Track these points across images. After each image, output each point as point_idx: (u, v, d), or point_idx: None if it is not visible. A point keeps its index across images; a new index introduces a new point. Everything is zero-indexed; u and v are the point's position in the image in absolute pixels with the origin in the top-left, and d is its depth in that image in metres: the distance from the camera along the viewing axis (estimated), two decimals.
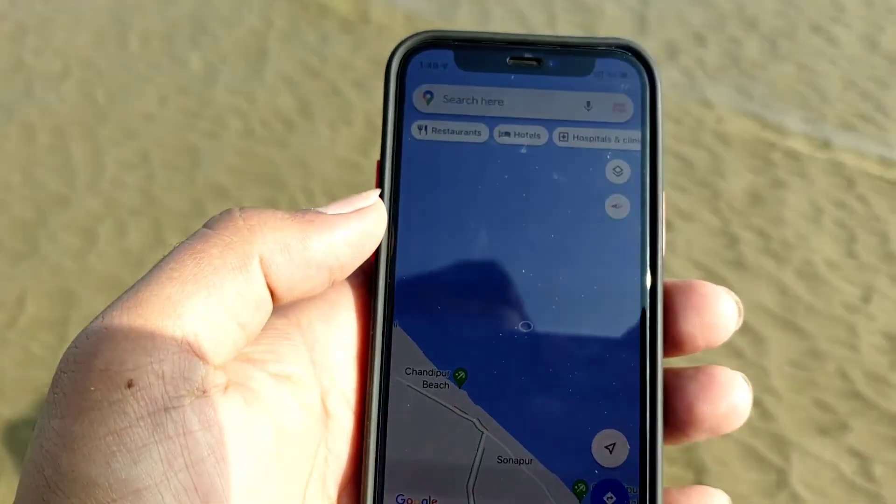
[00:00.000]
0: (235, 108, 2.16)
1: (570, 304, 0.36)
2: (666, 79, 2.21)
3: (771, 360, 1.52)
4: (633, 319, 0.36)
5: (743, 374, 0.35)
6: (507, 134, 0.37)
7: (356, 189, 1.60)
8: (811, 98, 2.15)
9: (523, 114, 0.37)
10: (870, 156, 1.98)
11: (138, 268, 1.71)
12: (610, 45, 0.38)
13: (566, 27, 2.43)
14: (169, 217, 1.84)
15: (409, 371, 0.35)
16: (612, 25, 2.43)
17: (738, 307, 0.37)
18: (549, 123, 0.37)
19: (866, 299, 1.64)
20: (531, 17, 2.48)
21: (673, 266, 1.70)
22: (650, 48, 2.34)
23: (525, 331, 0.35)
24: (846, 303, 1.63)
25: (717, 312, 0.37)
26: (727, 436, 1.41)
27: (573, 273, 0.36)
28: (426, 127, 0.38)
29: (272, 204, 1.86)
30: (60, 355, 1.16)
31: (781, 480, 1.34)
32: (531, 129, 0.37)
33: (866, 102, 2.14)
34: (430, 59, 0.38)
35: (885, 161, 1.97)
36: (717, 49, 2.33)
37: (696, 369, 0.36)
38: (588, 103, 0.37)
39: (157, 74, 2.29)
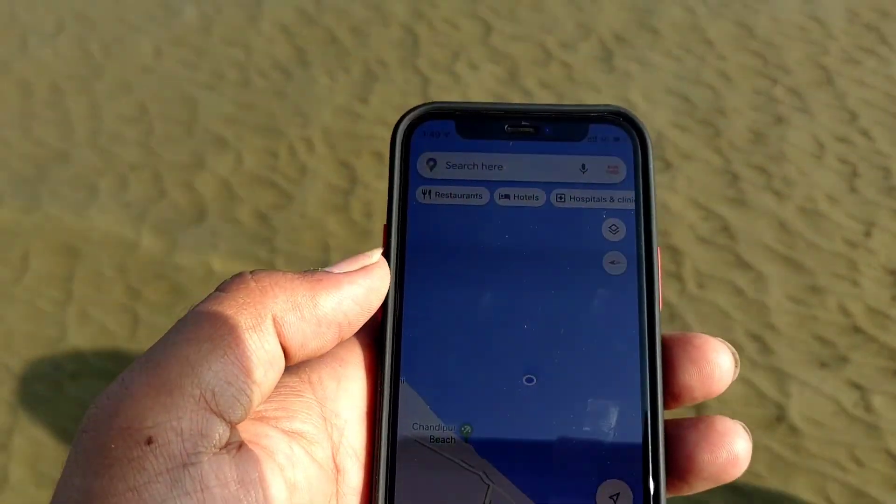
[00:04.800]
0: (232, 59, 2.14)
1: (571, 358, 0.37)
2: (666, 16, 2.18)
3: (771, 296, 1.53)
4: (634, 372, 0.36)
5: (743, 424, 0.36)
6: (507, 196, 0.39)
7: (356, 138, 1.60)
8: (814, 31, 2.12)
9: (522, 177, 0.39)
10: (873, 87, 1.95)
11: (140, 221, 1.72)
12: (602, 112, 0.39)
13: None
14: (169, 170, 1.84)
15: (416, 426, 0.36)
16: None
17: (735, 358, 0.38)
18: (547, 186, 0.39)
19: (868, 234, 1.63)
20: None
21: (673, 205, 1.70)
22: None
23: (528, 385, 0.36)
24: (847, 238, 1.63)
25: (715, 364, 0.37)
26: None
27: (574, 328, 0.37)
28: (430, 191, 0.39)
29: (272, 153, 1.86)
30: (67, 311, 1.17)
31: (781, 414, 1.36)
32: (530, 191, 0.39)
33: (871, 34, 2.11)
34: (432, 129, 0.39)
35: (888, 94, 1.94)
36: None
37: (696, 419, 0.37)
38: (583, 166, 0.39)
39: (151, 26, 2.27)
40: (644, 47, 2.09)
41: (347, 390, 0.36)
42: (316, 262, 1.62)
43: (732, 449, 0.35)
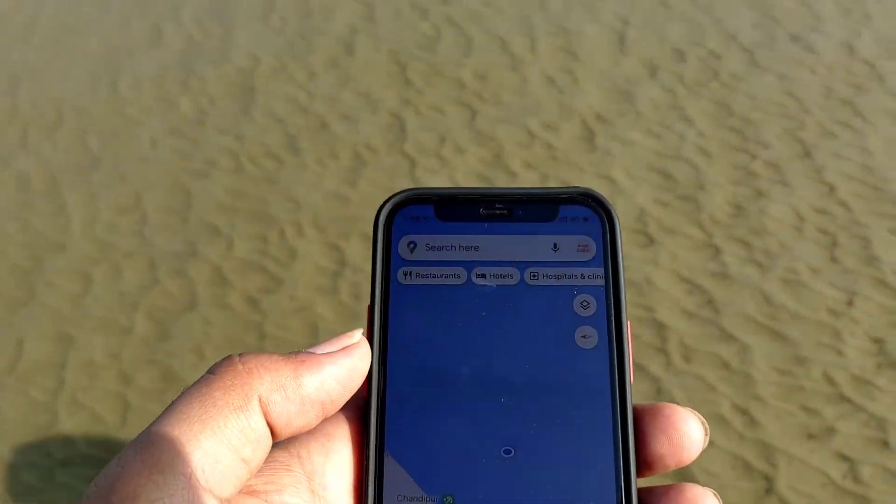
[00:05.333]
0: (225, 148, 2.21)
1: (547, 429, 0.39)
2: (646, 96, 2.25)
3: (757, 368, 1.54)
4: (607, 442, 0.38)
5: (713, 491, 0.38)
6: (483, 276, 0.41)
7: (345, 221, 1.63)
8: (790, 107, 2.18)
9: (497, 257, 0.41)
10: (850, 160, 2.00)
11: (134, 309, 1.75)
12: (571, 193, 0.42)
13: (548, 49, 2.47)
14: (163, 258, 1.87)
15: (400, 498, 0.38)
16: (593, 46, 2.47)
17: (704, 427, 0.39)
18: (521, 265, 0.41)
19: (850, 303, 1.65)
20: (513, 42, 2.52)
21: (658, 280, 1.72)
22: (630, 67, 2.38)
23: (507, 456, 0.38)
24: (830, 308, 1.65)
25: (684, 433, 0.38)
26: (714, 446, 1.42)
27: (549, 400, 0.39)
28: (411, 272, 0.42)
29: (262, 238, 1.90)
30: (59, 399, 1.19)
31: (770, 487, 1.35)
32: (504, 270, 0.41)
33: (846, 108, 2.17)
34: (413, 213, 0.42)
35: (864, 166, 1.99)
36: (697, 63, 2.37)
37: (668, 487, 0.39)
38: (555, 245, 0.41)
39: (148, 118, 2.34)
40: (625, 126, 2.15)
41: (335, 464, 0.38)
42: (304, 347, 1.64)
43: None
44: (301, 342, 1.64)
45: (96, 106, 2.41)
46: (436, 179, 2.03)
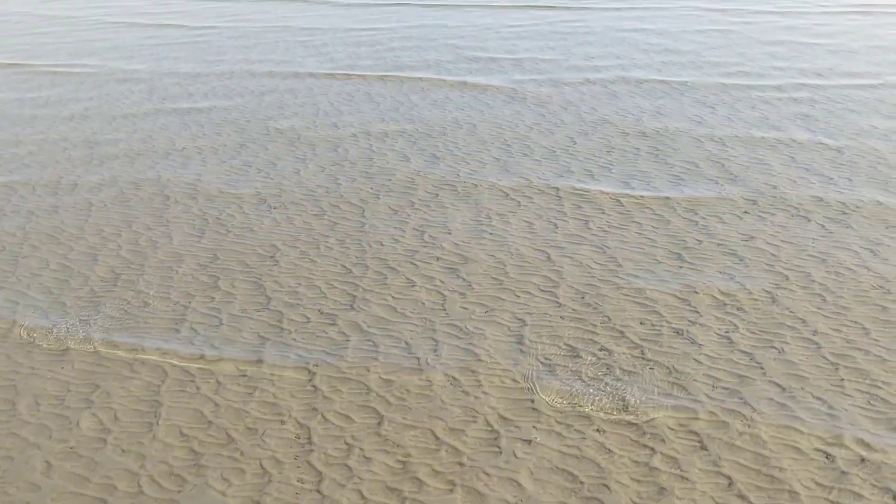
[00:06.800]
0: (125, 469, 2.14)
1: None
2: (547, 390, 2.34)
3: None
4: None
5: None
6: None
7: None
8: (681, 398, 2.29)
9: None
10: (743, 449, 2.08)
11: None
12: None
13: (451, 351, 2.58)
14: None
15: None
16: (494, 346, 2.59)
17: None
18: None
19: None
20: (417, 345, 2.62)
21: None
22: (529, 365, 2.48)
23: None
24: None
25: None
26: None
27: None
28: None
29: None
30: None
31: None
32: None
33: (732, 397, 2.29)
34: None
35: (758, 455, 2.07)
36: (591, 359, 2.50)
37: None
38: None
39: (44, 440, 2.28)
40: (528, 426, 2.21)
41: None
42: None
43: None
44: None
45: None
46: (342, 493, 2.00)
